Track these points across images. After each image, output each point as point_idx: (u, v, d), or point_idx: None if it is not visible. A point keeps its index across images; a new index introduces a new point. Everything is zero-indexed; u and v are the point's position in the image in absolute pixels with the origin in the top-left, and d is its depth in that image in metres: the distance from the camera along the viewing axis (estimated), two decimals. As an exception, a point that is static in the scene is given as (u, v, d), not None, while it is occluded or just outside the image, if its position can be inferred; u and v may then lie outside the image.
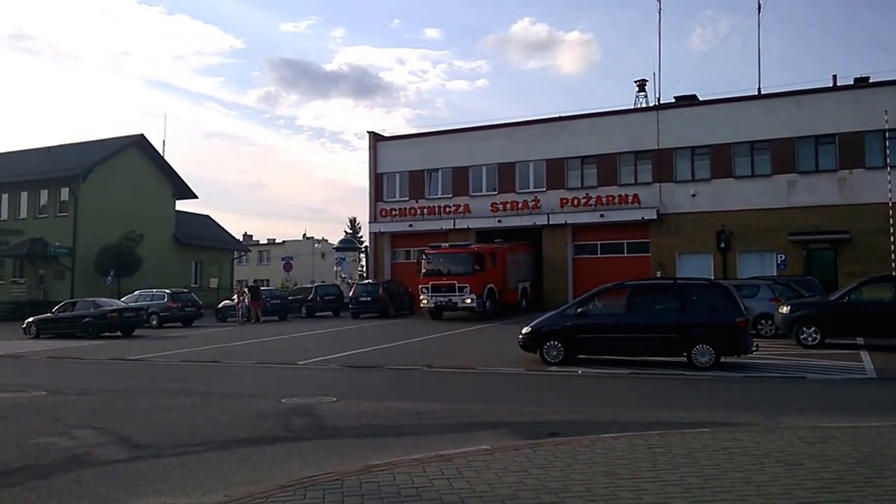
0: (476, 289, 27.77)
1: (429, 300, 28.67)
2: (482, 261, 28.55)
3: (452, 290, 28.03)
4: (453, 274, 28.32)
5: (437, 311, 28.98)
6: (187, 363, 17.14)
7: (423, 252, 30.54)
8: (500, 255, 30.10)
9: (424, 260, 29.62)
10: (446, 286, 28.17)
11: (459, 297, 27.88)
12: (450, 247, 30.47)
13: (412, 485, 5.68)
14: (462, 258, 28.72)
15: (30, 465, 7.11)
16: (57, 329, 26.57)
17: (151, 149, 46.47)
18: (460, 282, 27.92)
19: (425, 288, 28.80)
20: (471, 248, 29.74)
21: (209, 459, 7.39)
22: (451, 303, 28.18)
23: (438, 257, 29.42)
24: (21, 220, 43.34)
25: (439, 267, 28.92)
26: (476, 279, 27.91)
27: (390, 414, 9.78)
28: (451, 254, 29.46)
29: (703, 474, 5.90)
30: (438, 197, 37.54)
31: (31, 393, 12.17)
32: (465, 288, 27.76)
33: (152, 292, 32.78)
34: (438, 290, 28.34)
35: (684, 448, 6.88)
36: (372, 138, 40.01)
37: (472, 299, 27.69)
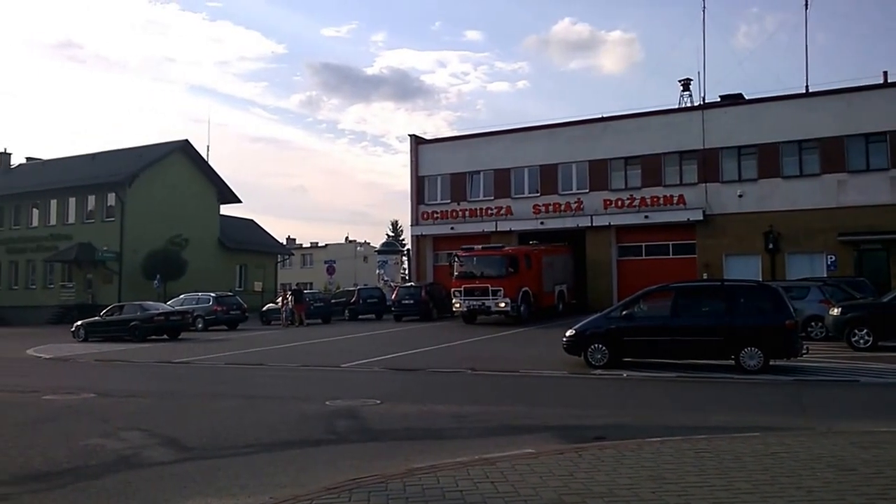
0: (510, 292, 26.87)
1: (461, 304, 27.86)
2: (516, 263, 27.70)
3: (486, 294, 27.16)
4: (486, 277, 27.44)
5: (469, 315, 28.24)
6: (232, 366, 17.36)
7: (455, 254, 29.98)
8: (535, 258, 29.30)
9: (457, 262, 28.96)
10: (479, 289, 27.31)
11: (493, 300, 27.01)
12: (482, 249, 29.47)
13: (456, 488, 5.64)
14: (495, 260, 27.88)
15: (79, 466, 7.23)
16: (105, 332, 27.09)
17: (196, 154, 47.26)
18: (494, 285, 27.04)
19: (458, 291, 28.04)
20: (504, 251, 28.87)
21: (255, 461, 7.44)
22: (484, 306, 27.35)
23: (471, 260, 28.62)
24: (69, 226, 44.42)
25: (472, 270, 28.10)
26: (510, 282, 27.01)
27: (433, 417, 9.75)
28: (483, 256, 28.57)
29: (752, 479, 5.76)
30: (480, 199, 37.47)
31: (80, 395, 12.42)
32: (499, 291, 26.88)
33: (198, 296, 33.34)
34: (471, 294, 27.49)
35: (733, 452, 6.72)
36: (413, 141, 40.13)
37: (507, 303, 26.79)
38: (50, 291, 44.26)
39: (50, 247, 44.02)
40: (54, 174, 46.54)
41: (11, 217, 47.02)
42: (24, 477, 6.77)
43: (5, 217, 47.28)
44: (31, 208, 46.41)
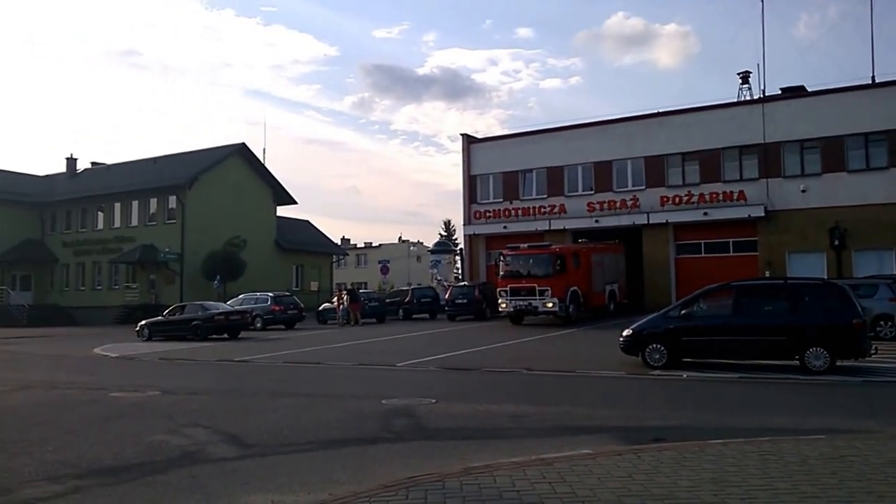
0: (558, 291, 26.08)
1: (507, 304, 27.17)
2: (564, 262, 26.89)
3: (532, 294, 26.39)
4: (533, 276, 26.72)
5: (516, 316, 27.60)
6: (290, 364, 17.62)
7: (500, 254, 29.27)
8: (585, 256, 28.53)
9: (502, 261, 28.21)
10: (526, 289, 26.57)
11: (540, 300, 26.21)
12: (529, 247, 28.57)
13: (513, 488, 5.62)
14: (542, 259, 27.11)
15: (146, 461, 7.43)
16: (167, 331, 27.72)
17: (252, 157, 48.14)
18: (541, 284, 26.28)
19: (503, 291, 27.36)
20: (551, 249, 28.03)
21: (313, 458, 7.53)
22: (531, 307, 26.58)
23: (517, 258, 27.84)
24: (133, 228, 45.72)
25: (518, 269, 27.38)
26: (558, 281, 26.23)
27: (489, 416, 9.73)
28: (530, 255, 27.74)
29: (819, 483, 5.59)
30: (533, 198, 37.26)
31: (145, 393, 12.76)
32: (546, 291, 26.09)
33: (256, 296, 33.98)
34: (518, 294, 26.76)
35: (798, 455, 6.54)
36: (465, 141, 40.15)
37: (554, 303, 26.02)
38: (115, 292, 45.64)
39: (115, 249, 45.41)
40: (118, 178, 48.00)
41: (78, 220, 48.67)
42: (94, 471, 6.99)
43: (73, 220, 48.98)
44: (96, 211, 47.94)
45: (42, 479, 6.65)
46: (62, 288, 48.77)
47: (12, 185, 49.55)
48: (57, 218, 49.76)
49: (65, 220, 49.37)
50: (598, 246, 30.98)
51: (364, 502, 5.42)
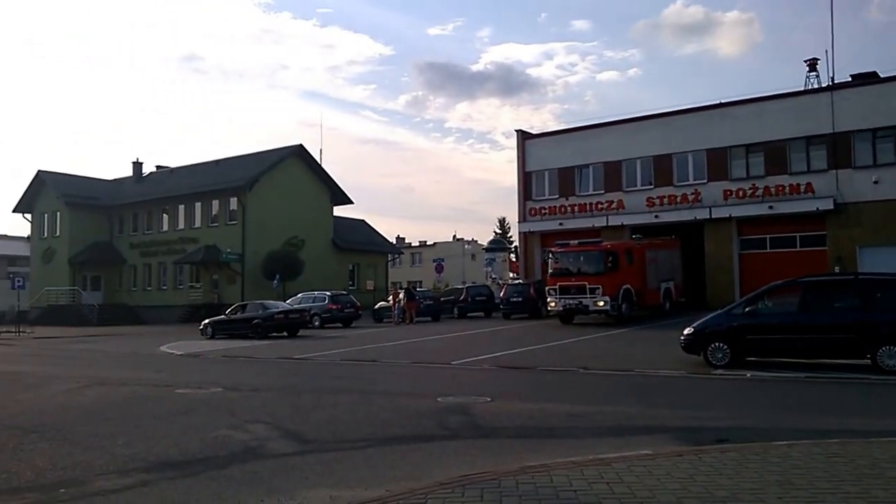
0: (609, 290, 25.08)
1: (557, 303, 26.20)
2: (616, 259, 25.86)
3: (583, 292, 25.42)
4: (584, 274, 25.82)
5: (566, 315, 26.67)
6: (348, 362, 17.84)
7: (549, 251, 28.62)
8: (638, 253, 27.40)
9: (551, 259, 27.44)
10: (576, 287, 25.64)
11: (591, 298, 25.24)
12: (579, 244, 27.99)
13: (570, 487, 5.57)
14: (593, 256, 26.25)
15: (210, 456, 7.61)
16: (230, 330, 28.36)
17: (310, 157, 48.84)
18: (591, 282, 25.31)
19: (553, 289, 26.42)
20: (602, 245, 27.34)
21: (371, 455, 7.60)
22: (581, 305, 25.61)
23: (567, 256, 26.99)
24: (196, 229, 46.89)
25: (568, 267, 26.52)
26: (609, 279, 25.24)
27: (545, 415, 9.67)
28: (580, 252, 26.98)
29: (891, 487, 5.39)
30: (590, 193, 36.80)
31: (209, 389, 13.07)
32: (597, 289, 25.13)
33: (314, 294, 34.51)
34: (567, 292, 25.81)
35: (868, 458, 6.30)
36: (520, 137, 39.90)
37: (605, 301, 25.06)
38: (179, 291, 46.92)
39: (179, 250, 46.67)
40: (182, 181, 49.32)
41: (144, 222, 50.20)
42: (161, 465, 7.20)
43: (139, 222, 50.55)
44: (161, 214, 49.35)
45: (112, 472, 6.88)
46: (130, 288, 50.41)
47: (83, 190, 51.51)
48: (124, 220, 51.45)
49: (132, 223, 51.00)
50: (653, 242, 30.01)
51: (420, 499, 5.43)
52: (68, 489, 6.29)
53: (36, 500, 6.04)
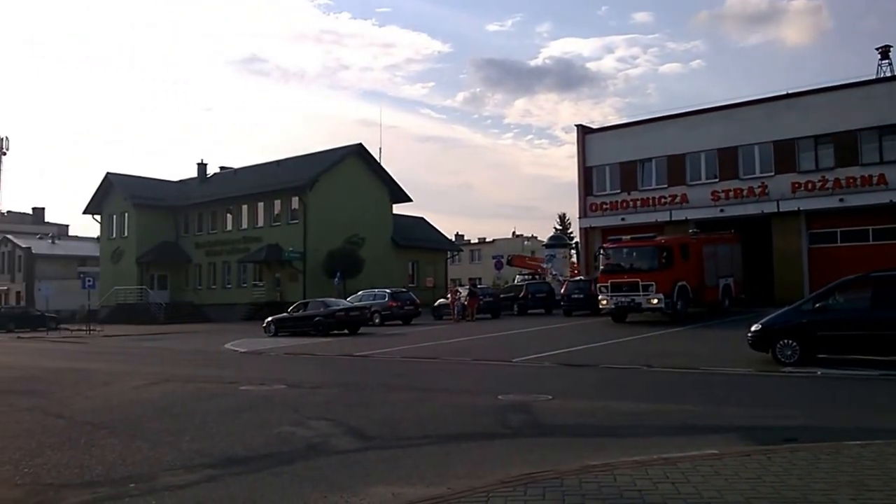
0: (663, 287, 23.95)
1: (608, 301, 25.23)
2: (670, 254, 24.65)
3: (635, 289, 24.37)
4: (636, 270, 24.82)
5: (618, 314, 25.65)
6: (408, 359, 17.92)
7: (601, 247, 27.52)
8: (694, 248, 26.15)
9: (602, 255, 26.42)
10: (628, 284, 24.63)
11: (644, 296, 24.17)
12: (631, 240, 26.88)
13: (634, 487, 5.46)
14: (646, 252, 25.14)
15: (274, 452, 7.72)
16: (292, 327, 28.78)
17: (369, 156, 49.32)
18: (644, 279, 24.27)
19: (604, 287, 25.44)
20: (655, 241, 25.93)
21: (432, 452, 7.60)
22: (633, 303, 24.55)
23: (619, 252, 26.02)
24: (259, 229, 47.86)
25: (620, 263, 25.62)
26: (663, 276, 24.10)
27: (608, 414, 9.51)
28: (633, 247, 25.93)
29: (972, 489, 5.11)
30: (652, 188, 36.15)
31: (272, 386, 13.27)
32: (651, 286, 24.05)
33: (374, 292, 34.80)
34: (619, 290, 24.80)
35: (950, 460, 6.00)
36: (580, 131, 39.45)
37: (659, 299, 23.93)
38: (243, 290, 47.95)
39: (242, 249, 47.71)
40: (245, 181, 50.39)
41: (209, 222, 51.48)
42: (226, 461, 7.33)
43: (204, 222, 51.86)
44: (225, 213, 50.53)
45: (180, 468, 7.04)
46: (195, 286, 51.78)
47: (150, 191, 53.14)
48: (190, 220, 52.86)
49: (197, 223, 52.38)
50: (711, 236, 28.85)
51: (482, 497, 5.40)
52: (137, 484, 6.45)
53: (107, 493, 6.21)
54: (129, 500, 5.99)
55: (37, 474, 6.84)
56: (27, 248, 61.80)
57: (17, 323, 43.72)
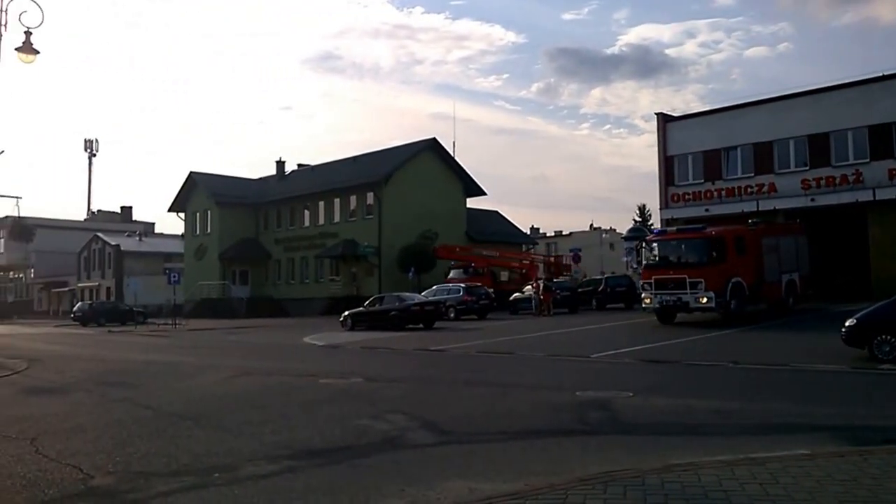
0: (714, 283, 21.38)
1: (652, 299, 22.54)
2: (723, 247, 22.18)
3: (683, 287, 21.72)
4: (684, 265, 22.30)
5: (664, 314, 23.05)
6: (484, 354, 17.85)
7: (643, 240, 25.02)
8: (751, 240, 23.45)
9: (646, 249, 23.96)
10: (674, 281, 22.01)
11: (692, 294, 21.51)
12: (678, 231, 24.23)
13: (720, 487, 5.29)
14: (696, 245, 22.61)
15: (351, 444, 7.80)
16: (368, 321, 29.10)
17: (443, 150, 49.47)
18: (693, 275, 21.61)
19: (647, 284, 22.86)
20: (706, 232, 23.12)
21: (509, 448, 7.54)
22: (680, 302, 21.91)
23: (665, 245, 23.47)
24: (335, 224, 48.70)
25: (666, 257, 23.20)
26: (714, 271, 21.56)
27: (691, 411, 9.24)
28: (680, 240, 23.39)
29: None
30: (738, 177, 34.85)
31: (349, 379, 13.45)
32: (700, 283, 21.45)
33: (449, 286, 34.89)
34: (665, 287, 22.16)
35: None
36: (660, 119, 38.37)
37: (710, 297, 21.35)
38: (320, 284, 48.90)
39: (319, 244, 48.64)
40: (321, 178, 51.37)
41: (287, 218, 52.71)
42: (306, 452, 7.45)
43: (282, 219, 53.13)
44: (302, 210, 51.63)
45: (261, 458, 7.18)
46: (275, 281, 53.13)
47: (231, 189, 54.81)
48: (269, 217, 54.25)
49: (276, 219, 53.71)
50: (772, 227, 26.27)
51: (560, 495, 5.33)
52: (222, 473, 6.62)
53: (192, 482, 6.40)
54: (213, 489, 6.16)
55: (127, 462, 7.12)
56: (116, 245, 64.31)
57: (107, 317, 45.77)
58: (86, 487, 6.27)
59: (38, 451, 7.65)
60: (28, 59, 17.77)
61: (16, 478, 6.53)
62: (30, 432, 8.71)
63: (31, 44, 17.66)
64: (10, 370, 16.68)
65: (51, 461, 7.14)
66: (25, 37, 17.50)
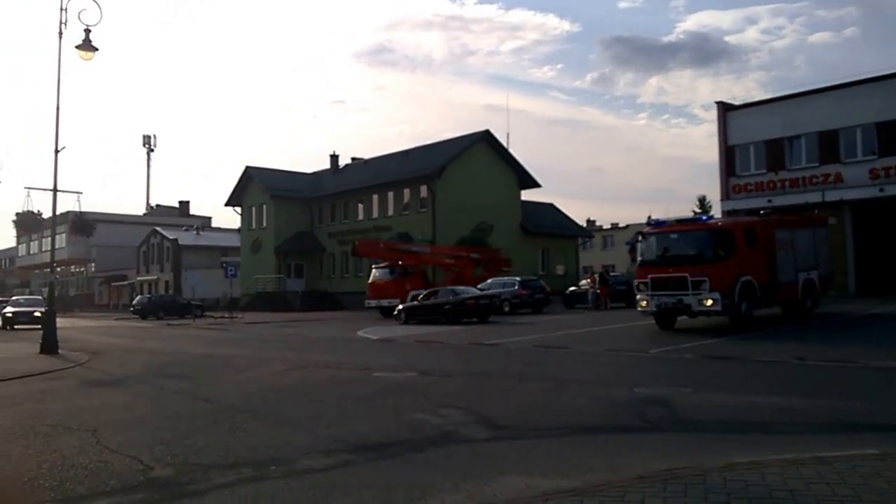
0: (720, 283, 18.33)
1: (649, 301, 19.59)
2: (730, 241, 19.06)
3: (683, 287, 18.69)
4: (685, 262, 19.17)
5: (662, 318, 20.21)
6: (539, 348, 17.69)
7: (638, 233, 21.46)
8: (763, 232, 20.35)
9: (641, 243, 20.54)
10: (674, 280, 18.96)
11: (695, 295, 18.52)
12: (678, 222, 20.79)
13: (785, 487, 5.13)
14: (698, 238, 19.47)
15: (406, 438, 7.80)
16: (422, 315, 29.21)
17: (496, 142, 49.25)
18: (695, 273, 18.57)
19: (642, 284, 19.82)
20: (710, 224, 20.49)
21: (566, 444, 7.45)
22: (681, 304, 18.94)
23: (663, 238, 20.17)
24: (389, 218, 48.96)
25: (664, 252, 19.99)
26: (720, 269, 18.52)
27: (753, 409, 8.97)
28: (680, 232, 20.09)
29: None
30: (802, 167, 33.80)
31: (403, 373, 13.45)
32: (703, 282, 18.43)
33: (503, 280, 34.75)
34: (663, 287, 19.16)
35: None
36: (720, 108, 37.47)
37: (715, 299, 18.31)
38: (376, 278, 49.19)
39: (373, 237, 48.89)
40: (375, 171, 51.68)
41: (341, 212, 53.26)
42: (361, 446, 7.47)
43: (336, 212, 53.70)
44: (356, 204, 52.09)
45: (318, 452, 7.24)
46: (329, 275, 53.77)
47: (286, 183, 55.64)
48: (323, 211, 54.91)
49: (330, 213, 54.34)
50: (787, 218, 22.96)
51: (619, 492, 5.24)
52: (278, 466, 6.68)
53: (250, 475, 6.47)
54: (270, 482, 6.22)
55: (186, 455, 7.24)
56: (174, 239, 65.69)
57: (166, 310, 46.80)
58: (145, 479, 6.40)
59: (99, 442, 7.83)
60: (87, 55, 18.22)
61: (78, 468, 6.69)
62: (91, 424, 8.92)
63: (90, 41, 18.11)
64: (73, 362, 17.13)
65: (112, 452, 7.31)
66: (84, 34, 17.95)
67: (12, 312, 35.55)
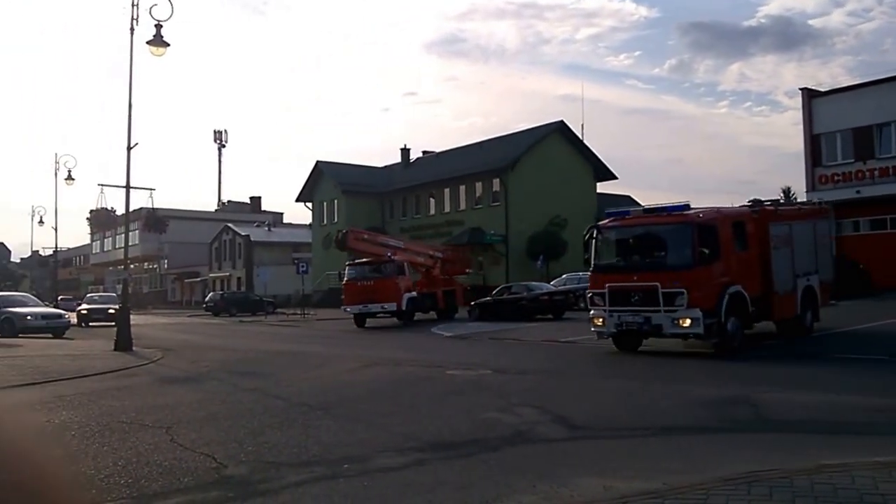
0: (701, 296, 13.71)
1: (605, 319, 14.97)
2: (712, 237, 14.24)
3: (653, 301, 14.02)
4: (655, 267, 14.56)
5: (621, 339, 15.56)
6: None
7: (594, 227, 16.57)
8: (755, 228, 15.63)
9: (596, 241, 15.95)
10: (639, 291, 14.36)
11: (667, 312, 13.86)
12: (645, 213, 15.96)
13: (876, 491, 4.92)
14: (673, 235, 14.54)
15: (480, 438, 7.73)
16: (495, 311, 28.91)
17: (571, 134, 48.41)
18: (667, 283, 13.86)
19: (598, 295, 15.24)
20: (688, 215, 14.73)
21: (644, 444, 7.29)
22: (649, 325, 14.28)
23: (625, 233, 15.78)
24: (461, 212, 48.77)
25: (626, 253, 15.73)
26: (702, 276, 13.94)
27: (844, 409, 8.62)
28: (649, 227, 15.32)
29: None
30: (892, 156, 32.07)
31: (477, 371, 13.36)
32: (679, 295, 13.68)
33: (579, 275, 34.09)
34: (625, 300, 14.58)
35: None
36: (805, 95, 35.91)
37: (695, 318, 13.59)
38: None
39: (445, 232, 48.66)
40: (446, 165, 51.46)
41: (413, 206, 53.33)
42: (435, 445, 7.44)
43: (408, 207, 53.81)
44: (428, 197, 52.06)
45: (391, 450, 7.23)
46: (402, 271, 53.84)
47: (357, 178, 55.94)
48: (395, 205, 55.06)
49: (401, 207, 54.43)
50: (781, 210, 17.77)
51: (701, 495, 5.10)
52: (351, 465, 6.70)
53: (322, 473, 6.49)
54: (343, 480, 6.22)
55: (259, 452, 7.30)
56: (246, 235, 66.02)
57: (238, 307, 47.38)
58: (219, 476, 6.46)
59: (173, 439, 7.92)
60: (158, 51, 18.64)
61: (153, 465, 6.79)
62: (165, 421, 9.03)
63: (162, 36, 18.53)
64: (147, 359, 17.38)
65: (185, 450, 7.40)
66: (156, 30, 18.38)
67: (87, 309, 36.08)
